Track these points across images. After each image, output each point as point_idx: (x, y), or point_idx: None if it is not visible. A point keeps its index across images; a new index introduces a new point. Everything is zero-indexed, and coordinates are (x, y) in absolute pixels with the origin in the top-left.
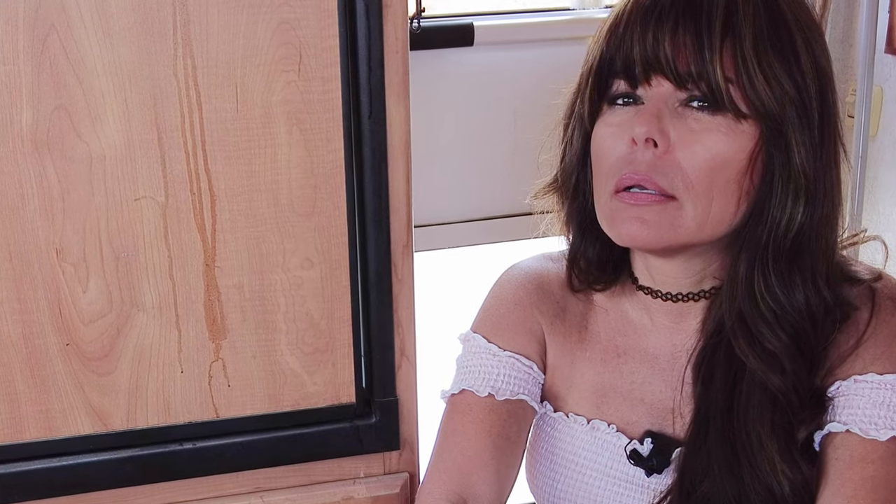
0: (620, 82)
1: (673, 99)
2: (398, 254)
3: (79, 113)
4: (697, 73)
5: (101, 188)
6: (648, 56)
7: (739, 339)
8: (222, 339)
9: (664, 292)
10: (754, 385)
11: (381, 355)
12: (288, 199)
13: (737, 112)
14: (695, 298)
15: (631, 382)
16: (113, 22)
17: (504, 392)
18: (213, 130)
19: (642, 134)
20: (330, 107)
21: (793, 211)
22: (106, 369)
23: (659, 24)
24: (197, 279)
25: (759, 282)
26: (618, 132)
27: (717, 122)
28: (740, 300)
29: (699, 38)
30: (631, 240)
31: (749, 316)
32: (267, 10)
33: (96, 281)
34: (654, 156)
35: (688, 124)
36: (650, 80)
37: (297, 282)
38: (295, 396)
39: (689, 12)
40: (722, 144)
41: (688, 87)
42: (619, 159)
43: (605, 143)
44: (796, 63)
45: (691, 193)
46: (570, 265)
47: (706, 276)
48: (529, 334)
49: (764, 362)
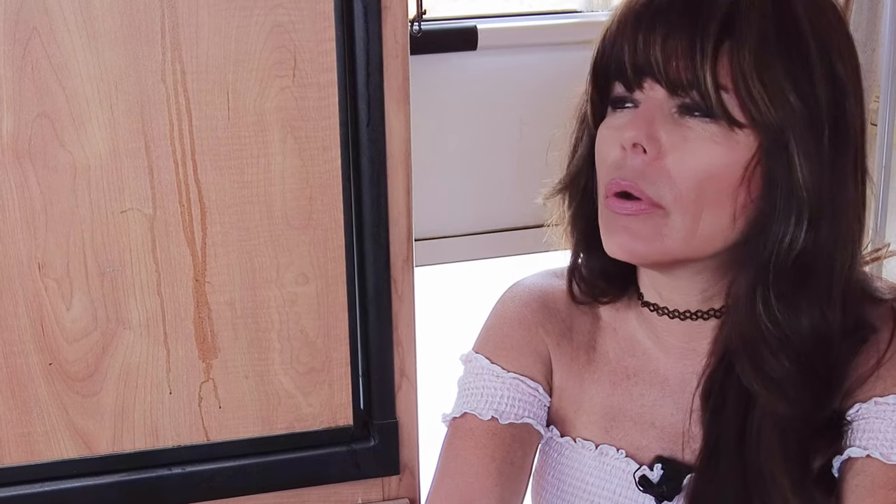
0: (618, 84)
1: (669, 104)
2: (398, 269)
3: (62, 120)
4: (688, 80)
5: (85, 199)
6: (639, 60)
7: (744, 364)
8: (213, 358)
9: (671, 310)
10: (765, 413)
11: (380, 375)
12: (282, 211)
13: (731, 120)
14: (703, 317)
15: (641, 405)
16: (98, 25)
17: (508, 415)
18: (203, 139)
19: (630, 139)
20: (326, 114)
21: (795, 229)
22: (91, 390)
23: (651, 26)
24: (186, 295)
25: (761, 304)
26: (613, 135)
27: (711, 130)
28: (742, 323)
29: (692, 43)
30: (619, 249)
31: (751, 341)
32: (260, 13)
33: (80, 297)
34: (643, 162)
35: (681, 131)
36: (642, 84)
37: (292, 298)
38: (289, 419)
39: (686, 14)
40: (714, 155)
41: (680, 94)
42: (612, 163)
43: (602, 146)
44: (806, 74)
45: (679, 204)
46: (571, 274)
47: (714, 293)
48: (534, 355)
49: (769, 390)
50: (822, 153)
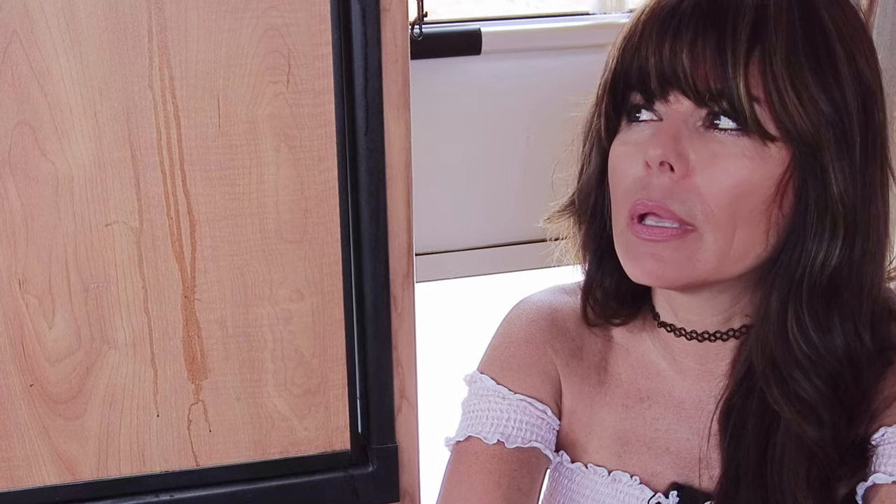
0: (637, 95)
1: (694, 117)
2: (398, 285)
3: (44, 129)
4: (718, 91)
5: (68, 212)
6: (665, 69)
7: (772, 386)
8: (203, 379)
9: (688, 330)
10: (789, 437)
11: (379, 397)
12: (276, 225)
13: (764, 134)
14: (723, 338)
15: (655, 430)
16: (81, 28)
17: (515, 439)
18: (192, 148)
19: (657, 157)
20: (322, 122)
21: (830, 245)
22: (74, 413)
23: (677, 33)
24: (175, 313)
25: (793, 323)
26: (634, 152)
27: (743, 144)
28: (772, 343)
29: (721, 50)
30: (646, 277)
31: (782, 361)
32: (252, 15)
33: (63, 315)
34: (671, 181)
35: (709, 146)
36: (667, 96)
37: (286, 316)
38: (283, 443)
39: (712, 21)
40: (747, 170)
41: (709, 104)
42: (633, 182)
43: (621, 163)
44: (835, 79)
45: (711, 223)
46: (586, 296)
47: (735, 313)
48: (543, 375)
49: (799, 412)
50: (854, 164)
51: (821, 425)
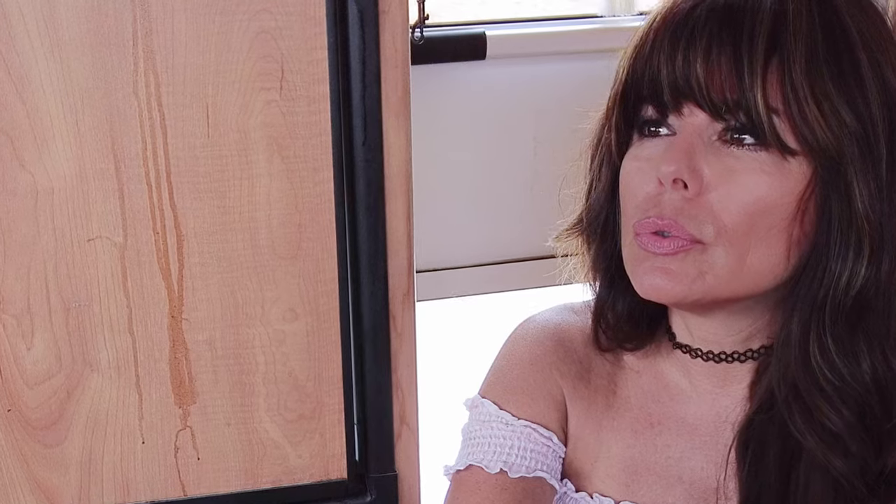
0: (649, 108)
1: (710, 131)
2: (397, 304)
3: (22, 138)
4: (735, 102)
5: (48, 226)
6: (678, 80)
7: (795, 415)
8: (191, 403)
9: (705, 351)
10: (814, 468)
11: (378, 423)
12: (268, 240)
13: (783, 148)
14: (741, 359)
15: (667, 457)
16: (62, 32)
17: (518, 468)
18: (179, 159)
19: (670, 174)
20: (317, 131)
21: (855, 264)
22: (54, 439)
23: (691, 41)
24: (161, 333)
25: (815, 348)
26: (646, 168)
27: (761, 159)
28: (794, 370)
29: (738, 59)
30: (654, 292)
31: (805, 389)
32: (243, 18)
33: (43, 336)
34: (683, 198)
35: (725, 162)
36: (681, 109)
37: (279, 337)
38: (276, 471)
39: (728, 28)
40: (765, 186)
41: (725, 117)
42: (645, 199)
43: (632, 180)
44: (859, 88)
45: (723, 239)
46: (597, 319)
47: (753, 333)
48: (548, 400)
49: (824, 443)
50: (880, 178)
51: (847, 456)
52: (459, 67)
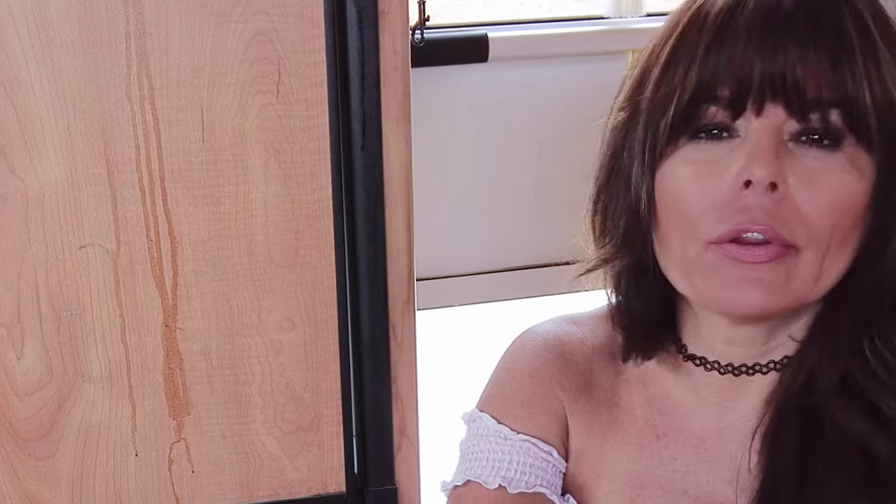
0: (717, 111)
1: (783, 132)
2: (397, 312)
3: (12, 143)
4: (831, 99)
5: (38, 233)
6: (774, 77)
7: (842, 403)
8: (185, 415)
9: (723, 364)
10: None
11: (377, 435)
12: (264, 247)
13: (871, 145)
14: (762, 371)
15: (672, 471)
16: (54, 33)
17: (518, 483)
18: (173, 164)
19: (765, 177)
20: (315, 135)
21: None
22: (45, 452)
23: (778, 40)
24: (154, 343)
25: (872, 337)
26: (707, 172)
27: (838, 159)
28: (844, 359)
29: (836, 54)
30: (744, 306)
31: (858, 377)
32: (239, 19)
33: (33, 345)
34: (772, 201)
35: (805, 163)
36: (763, 110)
37: (276, 346)
38: (273, 485)
39: (815, 21)
40: (846, 186)
41: (809, 117)
42: (722, 206)
43: (688, 184)
44: None
45: (813, 243)
46: (631, 334)
47: (780, 342)
48: (548, 413)
49: (875, 428)
50: None
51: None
52: (461, 70)
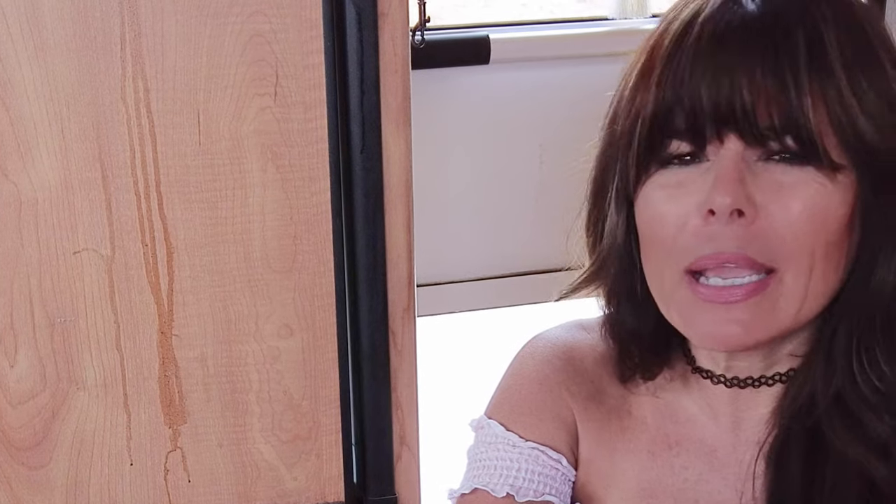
0: (681, 143)
1: (748, 154)
2: (397, 319)
3: (5, 146)
4: (782, 127)
5: (31, 238)
6: (721, 111)
7: (837, 425)
8: (181, 423)
9: (729, 377)
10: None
11: (377, 444)
12: (262, 252)
13: (833, 165)
14: (768, 383)
15: (684, 480)
16: (47, 34)
17: (526, 492)
18: (169, 167)
19: (727, 206)
20: (313, 138)
21: None
22: (38, 461)
23: (732, 67)
24: (150, 350)
25: (863, 359)
26: (679, 196)
27: (808, 171)
28: (838, 381)
29: (783, 81)
30: (723, 344)
31: (850, 400)
32: (236, 20)
33: (26, 352)
34: (741, 227)
35: (773, 179)
36: (722, 139)
37: (274, 353)
38: (270, 494)
39: (765, 46)
40: (820, 197)
41: (770, 144)
42: (693, 236)
43: (663, 209)
44: (887, 80)
45: (792, 261)
46: (623, 355)
47: (783, 356)
48: (557, 421)
49: (870, 451)
50: None
51: (892, 461)
52: (462, 72)
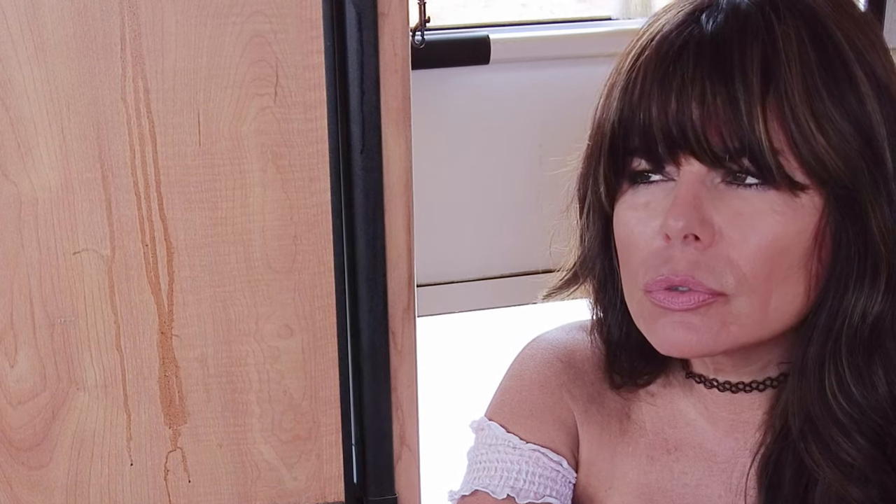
0: (641, 161)
1: (712, 175)
2: (397, 319)
3: (5, 146)
4: (737, 149)
5: (32, 239)
6: (672, 133)
7: (810, 445)
8: (181, 423)
9: (721, 382)
10: (830, 496)
11: (377, 444)
12: (262, 253)
13: (793, 185)
14: (759, 388)
15: (684, 484)
16: (47, 35)
17: (527, 494)
18: (169, 168)
19: (680, 230)
20: (314, 139)
21: (871, 290)
22: (38, 461)
23: (682, 87)
24: (150, 350)
25: (832, 380)
26: (646, 217)
27: (770, 198)
28: (809, 401)
29: (734, 102)
30: (676, 349)
31: (820, 420)
32: (236, 20)
33: (27, 353)
34: (697, 250)
35: (734, 205)
36: (678, 159)
37: (274, 354)
38: (271, 494)
39: (719, 67)
40: (779, 226)
41: (727, 165)
42: (652, 255)
43: (632, 229)
44: (861, 106)
45: (745, 288)
46: (610, 362)
47: (770, 362)
48: (558, 423)
49: (841, 473)
50: (892, 195)
51: (866, 484)
52: (462, 72)
